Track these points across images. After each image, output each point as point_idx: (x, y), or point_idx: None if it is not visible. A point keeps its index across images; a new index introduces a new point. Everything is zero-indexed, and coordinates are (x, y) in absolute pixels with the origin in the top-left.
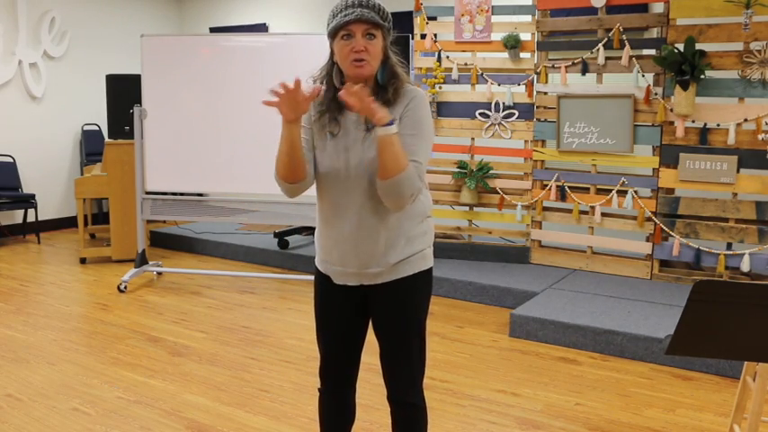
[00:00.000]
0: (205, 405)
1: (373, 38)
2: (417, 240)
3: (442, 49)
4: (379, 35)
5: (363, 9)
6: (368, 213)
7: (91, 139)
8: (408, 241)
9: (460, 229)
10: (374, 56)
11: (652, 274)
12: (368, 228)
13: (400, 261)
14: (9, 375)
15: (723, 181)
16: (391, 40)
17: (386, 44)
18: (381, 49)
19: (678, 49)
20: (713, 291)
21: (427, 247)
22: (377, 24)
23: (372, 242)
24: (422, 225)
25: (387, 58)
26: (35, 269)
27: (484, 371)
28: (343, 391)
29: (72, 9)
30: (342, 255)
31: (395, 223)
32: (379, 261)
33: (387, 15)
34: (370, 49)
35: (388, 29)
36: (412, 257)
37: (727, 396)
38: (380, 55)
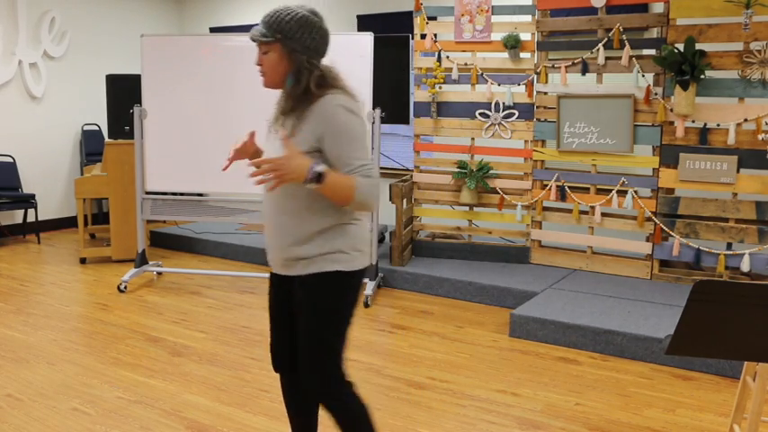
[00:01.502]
0: (205, 405)
1: (266, 52)
2: (328, 242)
3: (442, 49)
4: (273, 48)
5: (256, 28)
6: (278, 208)
7: (91, 139)
8: (316, 240)
9: (460, 229)
10: (269, 68)
11: (652, 274)
12: (278, 222)
13: (306, 258)
14: (9, 375)
15: (723, 181)
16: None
17: (288, 54)
18: (278, 62)
19: (678, 49)
20: (713, 291)
21: (339, 250)
22: (263, 41)
23: (281, 235)
24: (337, 228)
25: (298, 68)
26: (35, 269)
27: (484, 371)
28: (290, 375)
29: (72, 9)
30: (267, 243)
31: (300, 221)
32: (286, 254)
33: (280, 27)
34: (264, 62)
35: (283, 39)
36: (318, 257)
37: (727, 396)
38: (278, 67)
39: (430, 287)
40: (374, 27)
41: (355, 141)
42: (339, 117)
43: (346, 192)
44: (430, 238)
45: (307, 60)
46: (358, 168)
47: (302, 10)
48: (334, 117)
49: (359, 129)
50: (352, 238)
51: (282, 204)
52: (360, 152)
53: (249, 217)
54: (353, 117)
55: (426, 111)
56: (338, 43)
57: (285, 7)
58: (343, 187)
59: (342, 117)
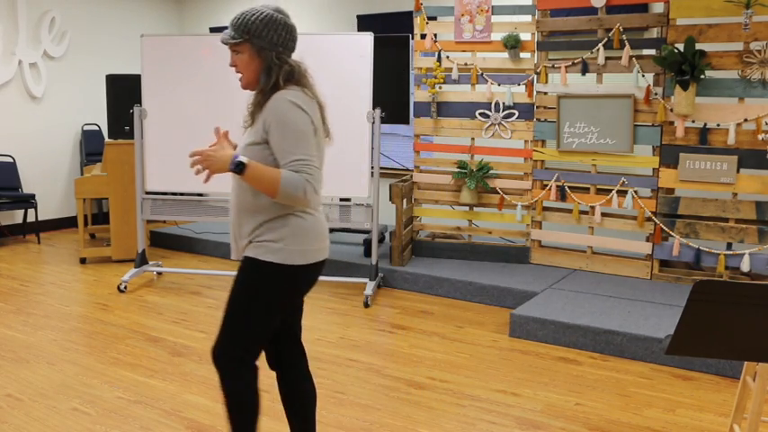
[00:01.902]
0: (205, 405)
1: (238, 53)
2: (268, 232)
3: (442, 49)
4: (243, 49)
5: (226, 31)
6: (236, 200)
7: (91, 139)
8: (258, 227)
9: (460, 229)
10: (243, 68)
11: (652, 274)
12: (235, 212)
13: (247, 243)
14: (9, 375)
15: (723, 181)
16: (275, 42)
17: (257, 52)
18: (250, 61)
19: (678, 49)
20: (713, 291)
21: (275, 241)
22: (232, 42)
23: (236, 223)
24: (279, 220)
25: (269, 66)
26: (35, 269)
27: (484, 371)
28: (282, 370)
29: (72, 9)
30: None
31: (250, 211)
32: (237, 241)
33: (247, 27)
34: (238, 63)
35: (250, 39)
36: (255, 243)
37: (727, 396)
38: (251, 65)
39: (430, 287)
40: (374, 27)
41: (294, 136)
42: (284, 111)
43: (270, 183)
44: (430, 238)
45: (276, 56)
46: (291, 162)
47: (267, 9)
48: (280, 110)
49: (301, 124)
50: (293, 231)
51: (239, 197)
52: (297, 147)
53: None
54: (299, 113)
55: (426, 111)
56: (338, 43)
57: (250, 8)
58: (266, 179)
59: (287, 111)
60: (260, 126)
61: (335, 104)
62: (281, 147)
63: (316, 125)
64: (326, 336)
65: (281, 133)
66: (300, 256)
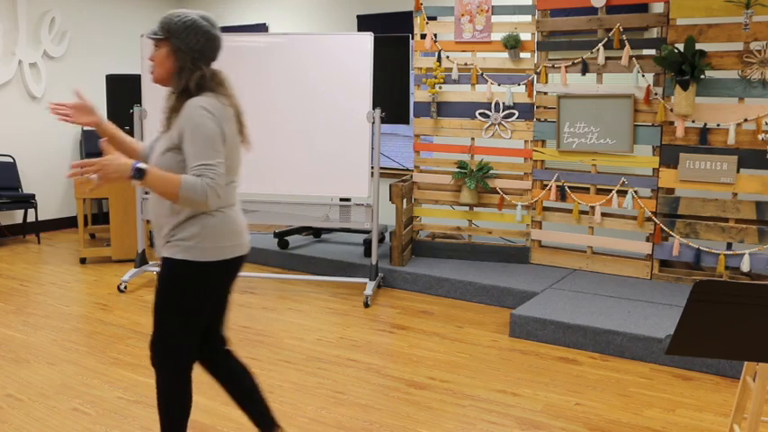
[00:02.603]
0: (205, 405)
1: (157, 48)
2: (183, 231)
3: (442, 49)
4: (162, 45)
5: (152, 28)
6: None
7: (91, 139)
8: (173, 228)
9: (460, 229)
10: (158, 63)
11: (652, 274)
12: (155, 213)
13: (164, 243)
14: (9, 375)
15: (723, 181)
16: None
17: (173, 52)
18: (165, 58)
19: (678, 49)
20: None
21: (189, 239)
22: (155, 38)
23: (156, 224)
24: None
25: (183, 67)
26: (35, 269)
27: (484, 371)
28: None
29: (72, 9)
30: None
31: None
32: (161, 240)
33: (169, 27)
34: (154, 57)
35: (169, 38)
36: (171, 243)
37: (727, 396)
38: (165, 63)
39: (430, 287)
40: (374, 27)
41: (202, 141)
42: (195, 117)
43: (170, 189)
44: (430, 238)
45: (190, 61)
46: (196, 167)
47: (194, 14)
48: (191, 117)
49: (209, 130)
50: (206, 229)
51: (157, 199)
52: (204, 152)
53: (249, 217)
54: (209, 119)
55: (426, 111)
56: (338, 43)
57: (179, 11)
58: (166, 184)
59: (197, 117)
60: (175, 132)
61: (335, 104)
62: (190, 152)
63: (226, 132)
64: (326, 336)
65: (191, 139)
66: (214, 253)
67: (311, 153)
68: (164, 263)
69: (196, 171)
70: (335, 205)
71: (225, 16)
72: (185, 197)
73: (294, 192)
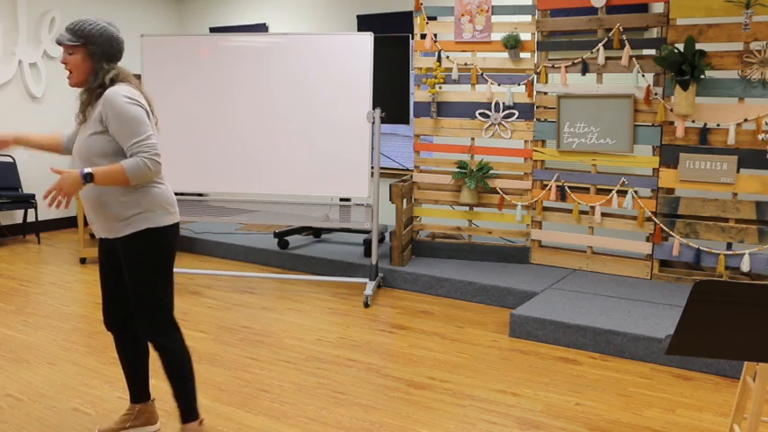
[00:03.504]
0: (205, 405)
1: (71, 54)
2: (136, 206)
3: (442, 49)
4: (77, 51)
5: (62, 33)
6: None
7: None
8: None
9: (460, 229)
10: (74, 68)
11: (652, 274)
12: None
13: (122, 220)
14: (9, 375)
15: (723, 181)
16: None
17: (89, 56)
18: (82, 62)
19: (678, 49)
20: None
21: (147, 210)
22: (68, 44)
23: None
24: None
25: (99, 68)
26: (35, 269)
27: (484, 371)
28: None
29: (72, 9)
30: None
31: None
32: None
33: (84, 33)
34: (70, 62)
35: (86, 43)
36: (129, 219)
37: (727, 396)
38: (82, 66)
39: (430, 287)
40: (374, 27)
41: (130, 122)
42: (119, 104)
43: (118, 177)
44: (430, 238)
45: (105, 62)
46: (132, 145)
47: (102, 21)
48: (115, 104)
49: (133, 111)
50: (156, 198)
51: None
52: (134, 130)
53: (249, 217)
54: (131, 102)
55: (426, 111)
56: (338, 43)
57: (87, 18)
58: (114, 175)
59: (120, 104)
60: (96, 119)
61: (335, 104)
62: (122, 133)
63: (147, 110)
64: (326, 336)
65: (119, 123)
66: (165, 218)
67: (311, 153)
68: (127, 240)
69: (132, 149)
70: (335, 205)
71: (225, 16)
72: (134, 177)
73: (294, 192)
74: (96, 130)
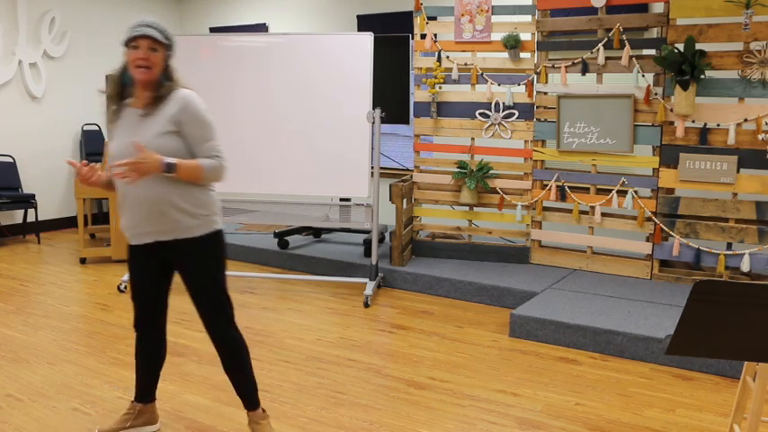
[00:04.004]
0: (205, 405)
1: (155, 51)
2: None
3: (442, 49)
4: (161, 50)
5: (149, 29)
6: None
7: (91, 139)
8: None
9: (460, 229)
10: (155, 65)
11: (652, 274)
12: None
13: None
14: (9, 375)
15: (723, 181)
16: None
17: (166, 58)
18: (160, 61)
19: (678, 49)
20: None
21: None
22: (157, 41)
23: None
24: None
25: (168, 69)
26: (35, 269)
27: (484, 371)
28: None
29: (72, 9)
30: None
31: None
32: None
33: (168, 36)
34: (152, 58)
35: (169, 46)
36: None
37: (727, 396)
38: (160, 65)
39: (430, 287)
40: (374, 27)
41: (208, 126)
42: (200, 107)
43: (198, 174)
44: (430, 238)
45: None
46: (208, 147)
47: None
48: (196, 107)
49: (209, 117)
50: (216, 202)
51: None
52: (210, 135)
53: (249, 217)
54: (204, 109)
55: (426, 111)
56: (338, 43)
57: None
58: (194, 171)
59: (201, 107)
60: (168, 119)
61: (335, 104)
62: (199, 136)
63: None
64: (326, 336)
65: (199, 126)
66: (220, 222)
67: (311, 153)
68: (200, 241)
69: (207, 152)
70: (335, 205)
71: (225, 16)
72: (209, 176)
73: (294, 192)
74: (168, 129)
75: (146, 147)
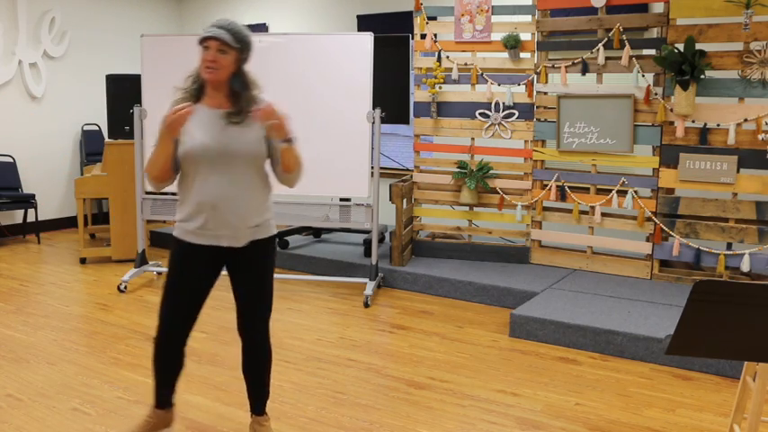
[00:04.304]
0: (205, 405)
1: (224, 53)
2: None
3: (442, 49)
4: (230, 53)
5: (221, 30)
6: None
7: (91, 139)
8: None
9: (460, 229)
10: (223, 67)
11: (652, 274)
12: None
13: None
14: (9, 375)
15: (723, 181)
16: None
17: (238, 61)
18: (230, 64)
19: (678, 49)
20: (713, 291)
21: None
22: (227, 44)
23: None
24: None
25: (240, 72)
26: (35, 269)
27: (484, 371)
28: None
29: (72, 9)
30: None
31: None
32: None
33: (241, 39)
34: (220, 60)
35: (239, 50)
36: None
37: (727, 396)
38: (229, 68)
39: (430, 287)
40: (374, 27)
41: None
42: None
43: (299, 159)
44: (430, 238)
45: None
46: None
47: (245, 28)
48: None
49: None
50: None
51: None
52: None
53: None
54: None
55: (426, 111)
56: (338, 43)
57: (237, 23)
58: (299, 155)
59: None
60: (258, 125)
61: (335, 104)
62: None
63: None
64: (326, 336)
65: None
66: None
67: (311, 153)
68: (267, 243)
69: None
70: (335, 205)
71: (225, 16)
72: (301, 171)
73: (294, 192)
74: (262, 134)
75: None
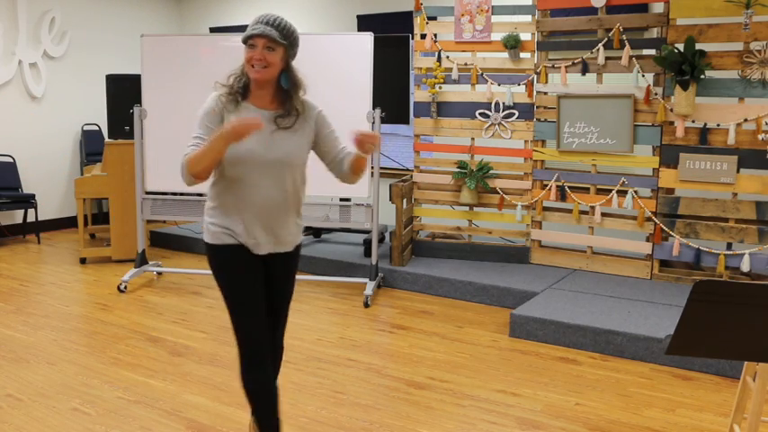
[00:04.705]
0: (205, 405)
1: (272, 50)
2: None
3: (442, 49)
4: (278, 50)
5: (267, 27)
6: (288, 196)
7: (91, 139)
8: (299, 219)
9: (460, 229)
10: (272, 65)
11: (652, 274)
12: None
13: (298, 232)
14: (9, 375)
15: (723, 181)
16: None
17: (286, 57)
18: (279, 61)
19: (678, 49)
20: (713, 291)
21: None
22: (275, 41)
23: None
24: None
25: (288, 69)
26: (35, 269)
27: (484, 371)
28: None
29: (72, 9)
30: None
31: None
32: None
33: (288, 34)
34: (268, 58)
35: (287, 46)
36: (300, 230)
37: (727, 396)
38: (278, 65)
39: (430, 287)
40: (374, 27)
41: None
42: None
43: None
44: (430, 238)
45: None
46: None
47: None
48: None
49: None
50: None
51: (294, 195)
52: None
53: None
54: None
55: (426, 111)
56: (338, 43)
57: (284, 18)
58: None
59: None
60: (309, 128)
61: (335, 104)
62: (335, 139)
63: None
64: (326, 336)
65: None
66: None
67: (311, 153)
68: (296, 250)
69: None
70: (335, 205)
71: (225, 16)
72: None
73: None
74: (309, 139)
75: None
